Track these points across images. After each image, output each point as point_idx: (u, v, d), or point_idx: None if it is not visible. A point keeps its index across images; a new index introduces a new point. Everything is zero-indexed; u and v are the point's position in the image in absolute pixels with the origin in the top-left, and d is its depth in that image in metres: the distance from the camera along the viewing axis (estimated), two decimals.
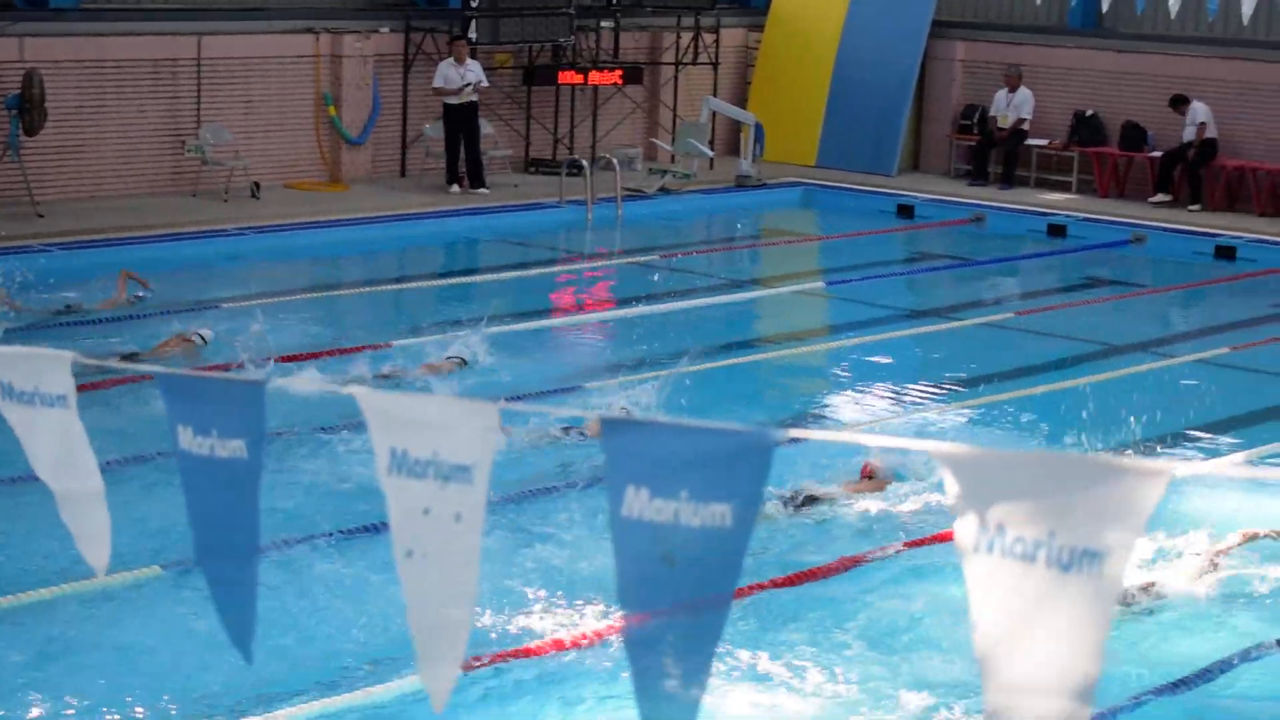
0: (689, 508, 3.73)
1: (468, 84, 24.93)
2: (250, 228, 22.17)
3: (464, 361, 15.74)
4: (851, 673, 9.76)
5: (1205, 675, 9.96)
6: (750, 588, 10.63)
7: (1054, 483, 3.46)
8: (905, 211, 26.18)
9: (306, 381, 7.71)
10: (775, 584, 10.86)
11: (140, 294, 18.11)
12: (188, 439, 4.52)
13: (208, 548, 4.74)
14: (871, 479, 12.49)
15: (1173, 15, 24.57)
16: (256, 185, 24.03)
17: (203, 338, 16.25)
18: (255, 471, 4.47)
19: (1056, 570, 3.49)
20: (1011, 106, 27.75)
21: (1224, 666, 10.10)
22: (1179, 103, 26.18)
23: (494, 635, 10.00)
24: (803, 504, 12.06)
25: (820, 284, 21.52)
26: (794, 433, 3.57)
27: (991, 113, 28.09)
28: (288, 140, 25.20)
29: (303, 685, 9.38)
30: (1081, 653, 3.47)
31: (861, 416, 15.21)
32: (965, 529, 3.55)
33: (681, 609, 3.70)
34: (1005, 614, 3.54)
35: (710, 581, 3.73)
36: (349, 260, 21.77)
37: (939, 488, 11.46)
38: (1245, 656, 10.26)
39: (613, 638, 9.84)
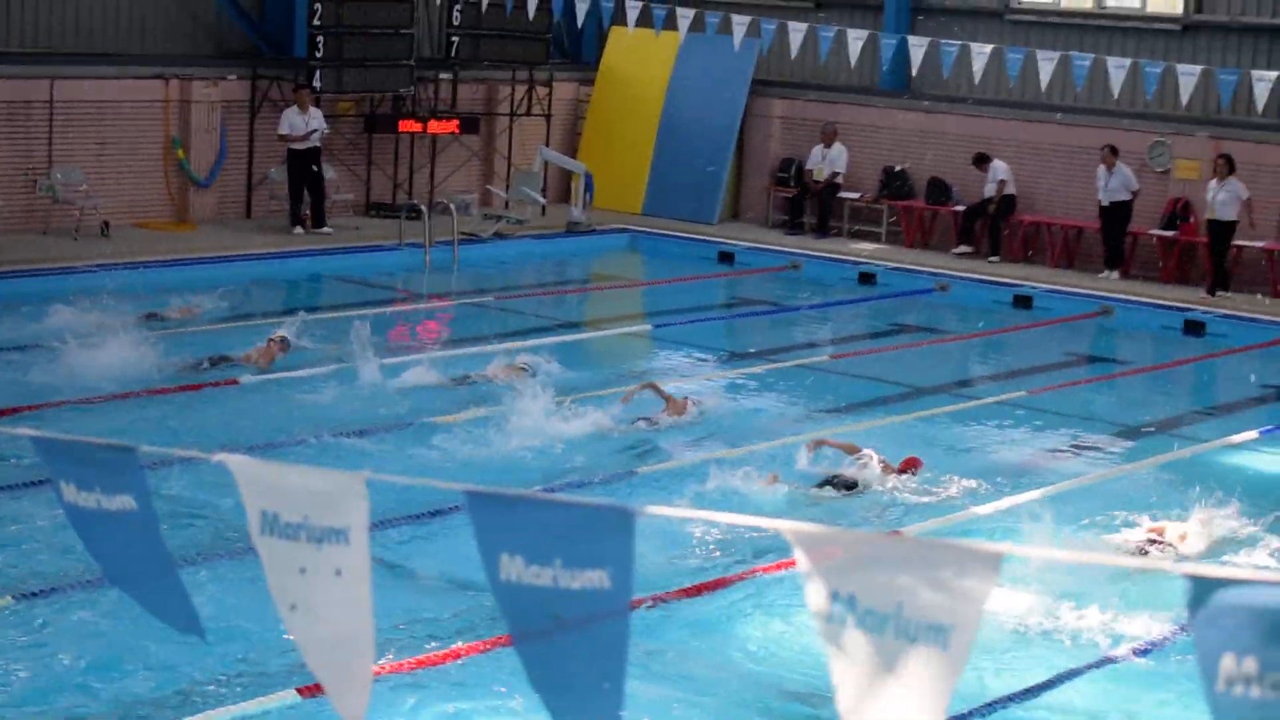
0: (566, 573, 3.66)
1: (313, 130, 24.82)
2: (101, 265, 21.86)
3: (527, 368, 17.30)
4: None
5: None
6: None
7: (899, 562, 3.52)
8: (726, 258, 26.40)
9: (180, 451, 7.68)
10: None
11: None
12: (72, 494, 4.42)
13: (119, 579, 4.63)
14: (907, 472, 14.26)
15: (976, 80, 24.99)
16: (106, 224, 23.71)
17: (287, 341, 17.58)
18: (151, 522, 4.36)
19: (904, 641, 3.53)
20: (827, 161, 28.10)
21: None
22: (981, 161, 26.68)
23: None
24: (848, 488, 13.78)
25: (646, 326, 21.63)
26: (651, 509, 3.59)
27: (807, 166, 28.41)
28: (137, 181, 24.90)
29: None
30: (926, 713, 3.52)
31: (687, 456, 15.32)
32: (818, 602, 3.59)
33: (581, 644, 3.64)
34: (862, 677, 3.57)
35: (602, 631, 3.68)
36: (196, 297, 21.50)
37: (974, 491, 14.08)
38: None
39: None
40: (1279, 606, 3.13)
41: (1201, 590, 3.26)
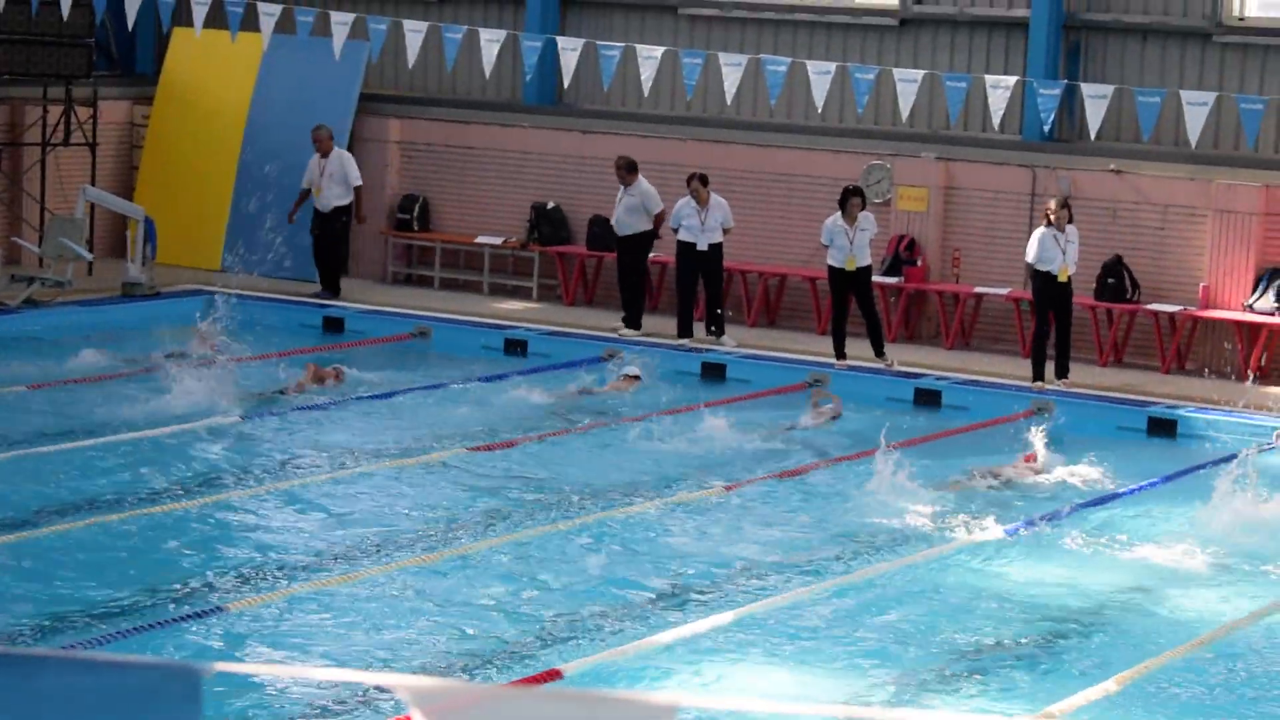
0: None
1: None
2: None
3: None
4: None
5: None
6: None
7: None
8: (334, 325, 26.28)
9: None
10: None
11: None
12: None
13: None
14: (1033, 462, 20.33)
15: (645, 91, 25.35)
16: None
17: (339, 373, 22.72)
18: None
19: None
20: (326, 176, 27.39)
21: None
22: (702, 184, 25.37)
23: None
24: (989, 477, 19.83)
25: (232, 418, 21.33)
26: (222, 666, 3.48)
27: (303, 184, 27.77)
28: None
29: None
30: None
31: (273, 582, 15.23)
32: None
33: None
34: None
35: None
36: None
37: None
38: None
39: None
40: None
41: None
